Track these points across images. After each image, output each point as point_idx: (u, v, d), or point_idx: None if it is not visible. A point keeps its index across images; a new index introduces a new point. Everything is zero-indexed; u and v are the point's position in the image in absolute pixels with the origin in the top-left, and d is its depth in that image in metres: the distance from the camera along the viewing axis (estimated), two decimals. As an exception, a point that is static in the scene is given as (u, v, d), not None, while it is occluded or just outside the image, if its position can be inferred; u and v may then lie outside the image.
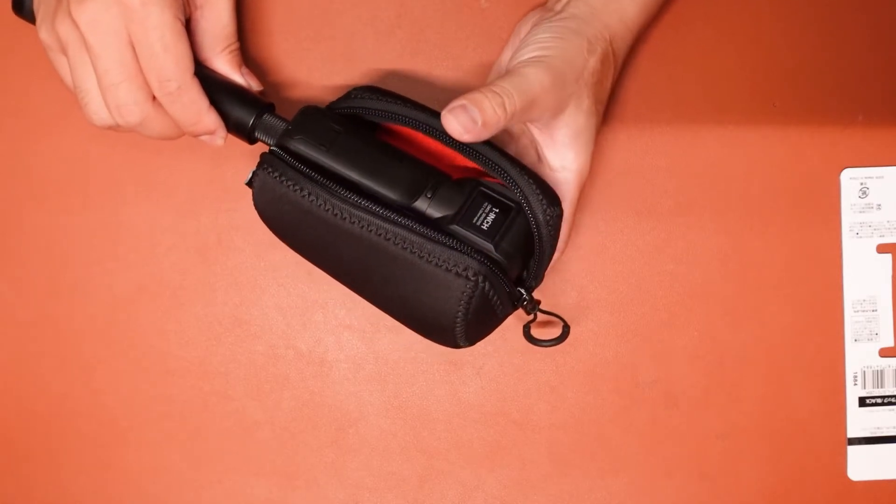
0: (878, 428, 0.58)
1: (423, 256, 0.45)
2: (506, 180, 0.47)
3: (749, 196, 0.57)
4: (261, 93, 0.52)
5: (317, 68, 0.56)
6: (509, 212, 0.46)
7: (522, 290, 0.48)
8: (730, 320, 0.57)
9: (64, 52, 0.48)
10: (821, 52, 0.57)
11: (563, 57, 0.48)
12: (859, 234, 0.58)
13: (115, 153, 0.56)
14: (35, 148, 0.56)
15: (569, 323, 0.50)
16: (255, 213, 0.56)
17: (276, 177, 0.47)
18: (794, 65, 0.57)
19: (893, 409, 0.58)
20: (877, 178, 0.58)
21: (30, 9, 0.50)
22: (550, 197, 0.47)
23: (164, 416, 0.57)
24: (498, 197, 0.47)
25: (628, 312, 0.57)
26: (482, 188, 0.47)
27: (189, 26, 0.49)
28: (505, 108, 0.45)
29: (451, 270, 0.45)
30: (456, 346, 0.48)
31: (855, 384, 0.58)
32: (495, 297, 0.46)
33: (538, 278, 0.48)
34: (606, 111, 0.56)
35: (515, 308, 0.48)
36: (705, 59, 0.57)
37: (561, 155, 0.50)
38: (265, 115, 0.50)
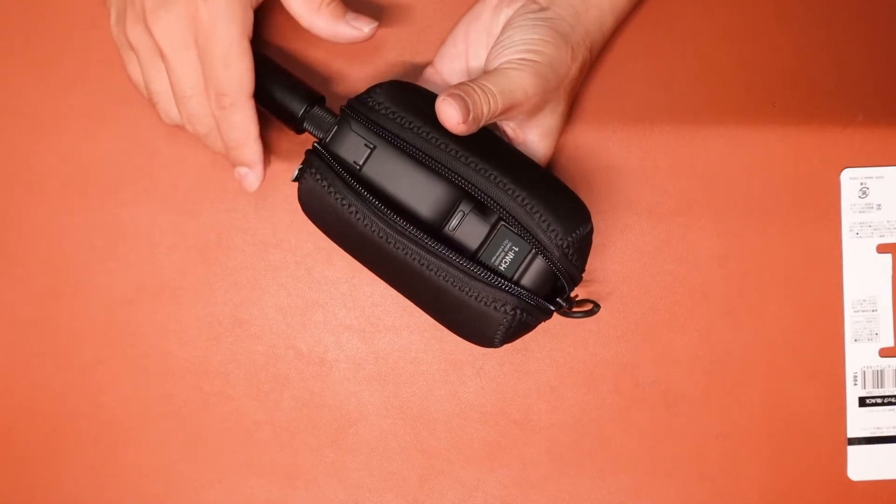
0: (878, 428, 0.58)
1: (462, 289, 0.47)
2: (511, 224, 0.47)
3: (749, 196, 0.57)
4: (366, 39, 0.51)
5: (316, 68, 0.56)
6: (528, 250, 0.47)
7: (561, 302, 0.48)
8: (730, 320, 0.57)
9: (136, 54, 0.48)
10: (820, 51, 0.57)
11: (551, 64, 0.48)
12: (859, 234, 0.58)
13: (115, 153, 0.56)
14: (35, 148, 0.56)
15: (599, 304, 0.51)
16: (256, 213, 0.57)
17: (322, 184, 0.48)
18: (793, 65, 0.57)
19: (893, 409, 0.58)
20: (877, 178, 0.58)
21: None
22: (566, 223, 0.47)
23: (164, 416, 0.57)
24: (518, 235, 0.47)
25: (628, 312, 0.57)
26: (504, 224, 0.47)
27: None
28: (489, 107, 0.46)
29: (489, 305, 0.47)
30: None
31: (855, 384, 0.58)
32: (530, 319, 0.48)
33: (576, 282, 0.49)
34: (606, 112, 0.57)
35: (550, 317, 0.49)
36: (705, 59, 0.57)
37: (530, 152, 0.51)
38: (315, 108, 0.50)
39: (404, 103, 0.48)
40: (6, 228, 0.56)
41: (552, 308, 0.48)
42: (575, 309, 0.49)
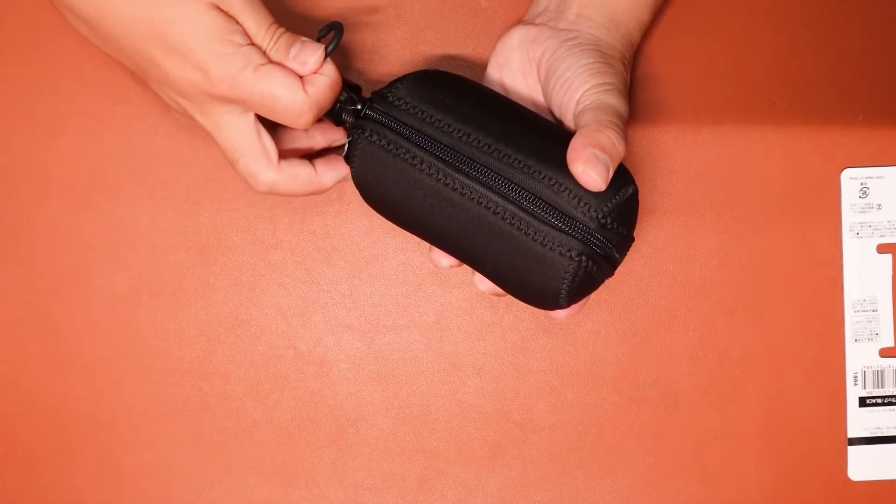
0: (879, 428, 0.58)
1: (529, 234, 0.46)
2: (542, 209, 0.46)
3: (749, 196, 0.57)
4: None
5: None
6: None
7: (620, 256, 0.47)
8: (730, 320, 0.57)
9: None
10: (821, 52, 0.57)
11: (624, 81, 0.49)
12: (859, 234, 0.58)
13: (115, 153, 0.56)
14: (35, 148, 0.56)
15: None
16: (256, 212, 0.57)
17: (380, 143, 0.47)
18: (794, 65, 0.57)
19: (893, 409, 0.58)
20: (877, 178, 0.58)
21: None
22: (600, 194, 0.45)
23: (164, 416, 0.57)
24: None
25: (628, 312, 0.57)
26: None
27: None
28: (622, 138, 0.45)
29: (555, 250, 0.45)
30: (554, 309, 0.48)
31: (855, 384, 0.58)
32: (596, 270, 0.46)
33: (621, 249, 0.48)
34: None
35: (612, 272, 0.48)
36: (705, 59, 0.57)
37: None
38: (351, 96, 0.49)
39: (425, 98, 0.48)
40: (6, 228, 0.56)
41: (617, 257, 0.47)
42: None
